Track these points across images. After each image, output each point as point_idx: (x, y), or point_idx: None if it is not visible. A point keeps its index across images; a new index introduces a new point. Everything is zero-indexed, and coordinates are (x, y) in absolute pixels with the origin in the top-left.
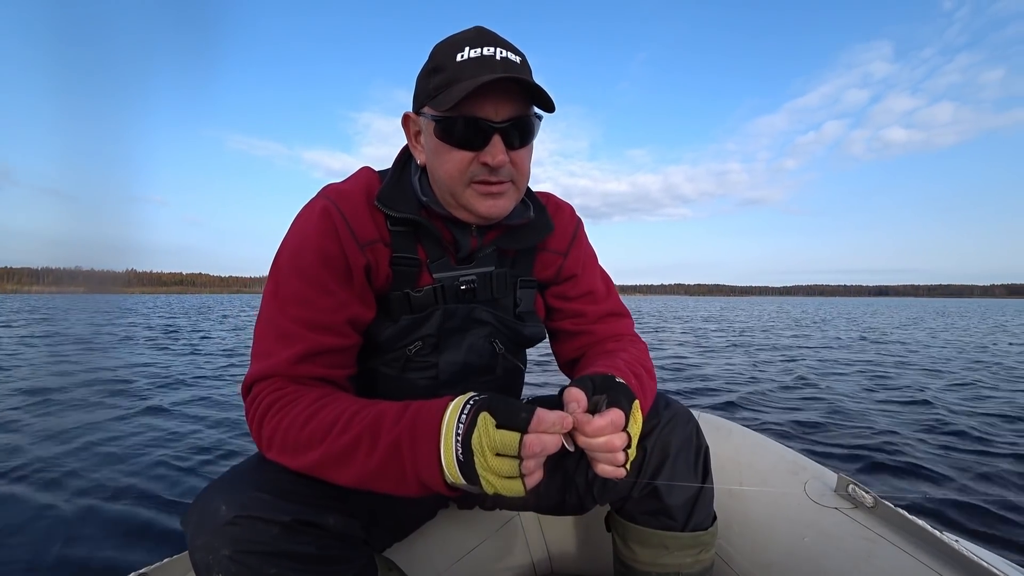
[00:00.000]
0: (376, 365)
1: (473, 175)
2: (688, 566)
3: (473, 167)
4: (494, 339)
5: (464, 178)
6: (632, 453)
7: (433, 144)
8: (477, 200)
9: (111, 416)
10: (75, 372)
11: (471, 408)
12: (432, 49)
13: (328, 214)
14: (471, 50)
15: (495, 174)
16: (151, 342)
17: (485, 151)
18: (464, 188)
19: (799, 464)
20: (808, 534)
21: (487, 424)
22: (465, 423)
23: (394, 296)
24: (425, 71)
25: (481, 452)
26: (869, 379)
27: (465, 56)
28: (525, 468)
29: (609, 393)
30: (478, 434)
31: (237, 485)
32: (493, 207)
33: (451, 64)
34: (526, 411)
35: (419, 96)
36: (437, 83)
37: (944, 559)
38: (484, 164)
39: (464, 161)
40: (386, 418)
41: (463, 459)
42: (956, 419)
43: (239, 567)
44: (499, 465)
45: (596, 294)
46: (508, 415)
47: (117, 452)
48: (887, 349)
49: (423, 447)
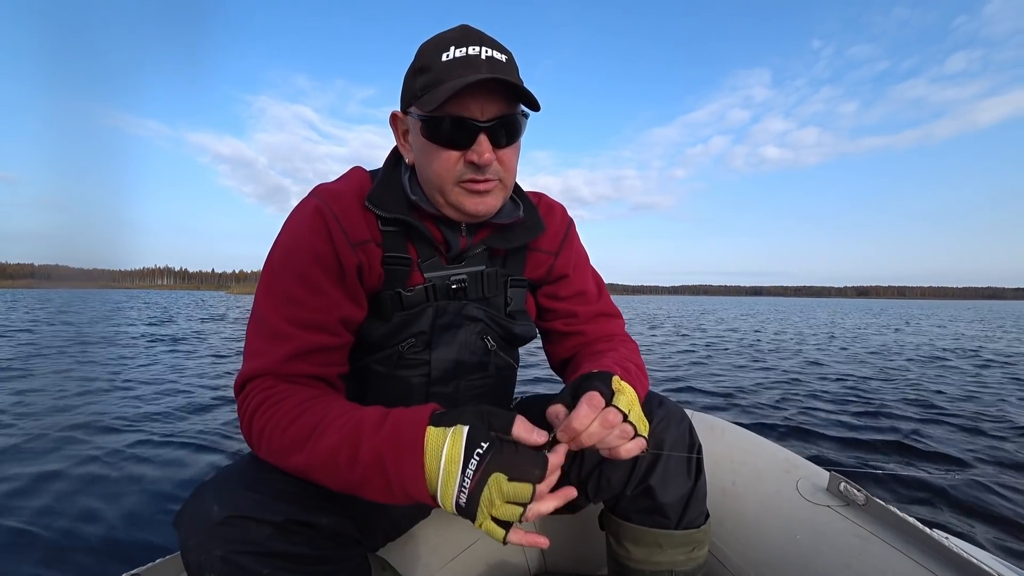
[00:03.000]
0: (369, 363)
1: (460, 174)
2: (681, 563)
3: (460, 166)
4: (486, 336)
5: (452, 177)
6: (638, 421)
7: (421, 143)
8: (465, 198)
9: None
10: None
11: (481, 463)
12: (418, 48)
13: (320, 214)
14: (456, 49)
15: (482, 172)
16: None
17: (472, 150)
18: (452, 187)
19: (792, 462)
20: (800, 532)
21: (500, 481)
22: (473, 479)
23: (386, 295)
24: (412, 71)
25: (490, 504)
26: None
27: (450, 56)
28: (528, 517)
29: (582, 385)
30: (489, 492)
31: (229, 485)
32: (480, 204)
33: (437, 64)
34: (540, 467)
35: (406, 96)
36: (423, 83)
37: (935, 556)
38: (471, 163)
39: (451, 160)
40: (364, 427)
41: (465, 506)
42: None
43: (232, 567)
44: (507, 511)
45: (588, 295)
46: (522, 471)
47: (107, 455)
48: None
49: (407, 463)
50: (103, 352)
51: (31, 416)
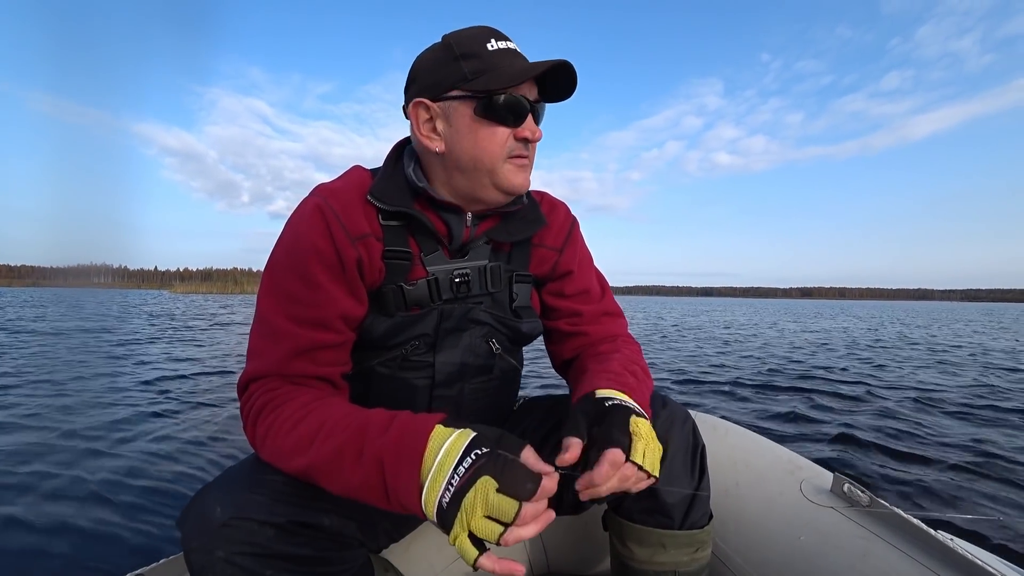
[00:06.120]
0: (372, 365)
1: (511, 149)
2: (685, 564)
3: (510, 142)
4: (491, 339)
5: (503, 152)
6: (648, 463)
7: (467, 125)
8: (514, 173)
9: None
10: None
11: (474, 464)
12: (445, 42)
13: (320, 211)
14: (497, 42)
15: (527, 148)
16: None
17: (523, 126)
18: (502, 163)
19: (795, 463)
20: (804, 533)
21: (488, 487)
22: (463, 477)
23: (388, 290)
24: (448, 58)
25: (472, 511)
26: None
27: (495, 47)
28: (506, 539)
29: (601, 428)
30: (473, 495)
31: (232, 487)
32: (526, 180)
33: (484, 52)
34: (532, 482)
35: (444, 82)
36: (474, 67)
37: (940, 558)
38: (522, 139)
39: (503, 136)
40: (370, 430)
41: (446, 508)
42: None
43: (234, 569)
44: (484, 527)
45: (591, 293)
46: (513, 484)
47: (110, 450)
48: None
49: (404, 471)
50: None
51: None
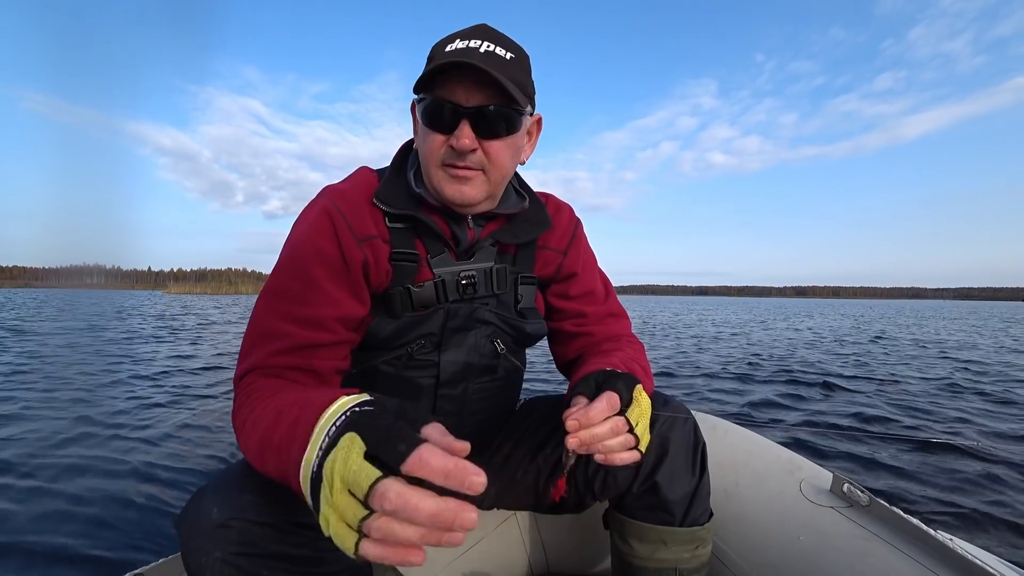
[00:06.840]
0: (377, 363)
1: (443, 157)
2: (686, 561)
3: (444, 150)
4: (496, 339)
5: (436, 159)
6: (642, 434)
7: (419, 128)
8: (445, 182)
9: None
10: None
11: (345, 419)
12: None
13: (326, 212)
14: (460, 41)
15: (462, 159)
16: None
17: (453, 134)
18: (436, 169)
19: (795, 463)
20: (803, 533)
21: (351, 446)
22: (331, 436)
23: (395, 292)
24: (428, 58)
25: (329, 481)
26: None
27: (454, 46)
28: (369, 528)
29: (608, 382)
30: (333, 457)
31: (229, 487)
32: (457, 192)
33: (440, 53)
34: (407, 443)
35: (416, 82)
36: (426, 69)
37: (939, 558)
38: (451, 147)
39: (437, 143)
40: (308, 406)
41: (314, 479)
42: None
43: (232, 569)
44: (343, 505)
45: (596, 295)
46: (381, 443)
47: (111, 450)
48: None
49: (296, 447)
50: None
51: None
